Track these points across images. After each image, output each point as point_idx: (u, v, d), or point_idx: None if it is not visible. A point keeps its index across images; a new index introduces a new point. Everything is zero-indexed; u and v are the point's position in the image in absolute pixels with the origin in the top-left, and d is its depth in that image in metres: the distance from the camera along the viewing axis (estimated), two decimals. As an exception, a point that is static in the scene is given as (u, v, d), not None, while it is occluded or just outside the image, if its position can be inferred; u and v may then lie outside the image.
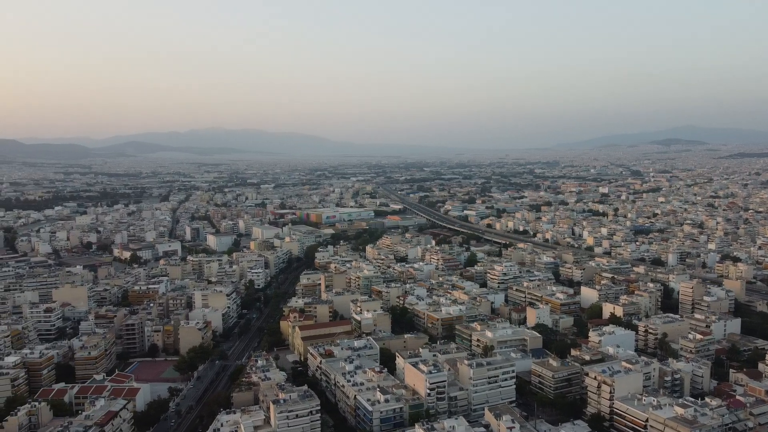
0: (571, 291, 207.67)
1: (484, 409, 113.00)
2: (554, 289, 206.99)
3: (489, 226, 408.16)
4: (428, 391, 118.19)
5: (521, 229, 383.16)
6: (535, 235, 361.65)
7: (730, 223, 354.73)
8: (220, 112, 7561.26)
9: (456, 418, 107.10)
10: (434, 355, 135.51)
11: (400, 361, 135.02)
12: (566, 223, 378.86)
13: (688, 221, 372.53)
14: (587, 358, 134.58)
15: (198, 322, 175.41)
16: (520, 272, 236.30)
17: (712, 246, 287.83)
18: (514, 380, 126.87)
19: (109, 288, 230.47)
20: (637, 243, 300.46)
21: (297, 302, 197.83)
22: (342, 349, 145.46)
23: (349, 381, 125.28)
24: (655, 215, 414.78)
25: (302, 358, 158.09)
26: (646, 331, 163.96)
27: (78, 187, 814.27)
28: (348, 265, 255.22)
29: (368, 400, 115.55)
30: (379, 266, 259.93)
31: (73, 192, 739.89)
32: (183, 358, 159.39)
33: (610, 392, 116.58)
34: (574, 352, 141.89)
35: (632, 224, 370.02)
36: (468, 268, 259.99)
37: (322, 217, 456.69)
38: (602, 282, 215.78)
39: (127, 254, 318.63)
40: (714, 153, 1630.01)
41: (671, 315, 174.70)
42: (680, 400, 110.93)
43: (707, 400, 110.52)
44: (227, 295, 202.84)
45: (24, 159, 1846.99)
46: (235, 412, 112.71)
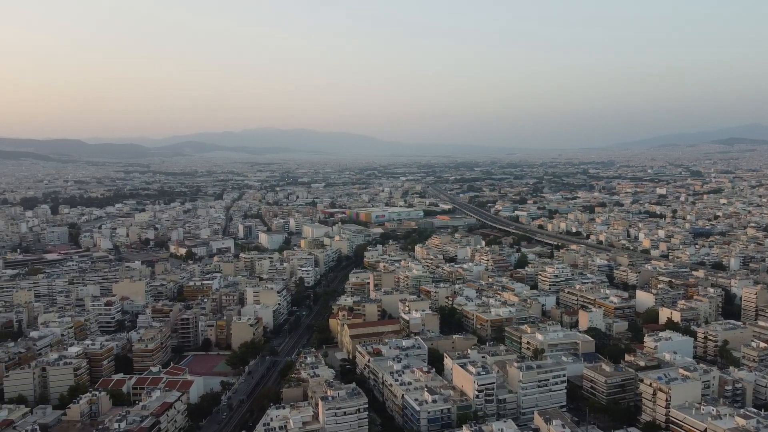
0: (625, 295, 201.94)
1: (533, 413, 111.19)
2: (608, 292, 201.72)
3: (540, 227, 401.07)
4: (476, 392, 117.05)
5: (574, 230, 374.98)
6: (588, 237, 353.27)
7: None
8: (273, 113, 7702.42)
9: (505, 421, 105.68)
10: (483, 357, 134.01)
11: (448, 361, 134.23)
12: (621, 225, 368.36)
13: (752, 224, 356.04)
14: (642, 364, 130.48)
15: (249, 318, 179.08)
16: (572, 274, 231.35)
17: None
18: (565, 384, 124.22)
19: (166, 283, 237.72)
20: (697, 246, 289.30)
21: (346, 300, 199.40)
22: (390, 348, 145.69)
23: (396, 380, 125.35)
24: (716, 217, 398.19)
25: (350, 356, 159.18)
26: (705, 337, 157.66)
27: (137, 186, 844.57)
28: (397, 264, 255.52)
29: (416, 399, 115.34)
30: (428, 266, 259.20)
31: (132, 190, 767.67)
32: (235, 352, 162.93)
33: (666, 400, 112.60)
34: (628, 358, 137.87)
35: (692, 226, 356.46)
36: (518, 269, 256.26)
37: (371, 216, 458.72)
38: (659, 286, 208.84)
39: (182, 251, 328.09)
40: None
41: (733, 322, 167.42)
42: (742, 411, 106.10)
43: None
44: (278, 292, 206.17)
45: (88, 158, 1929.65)
46: (284, 408, 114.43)
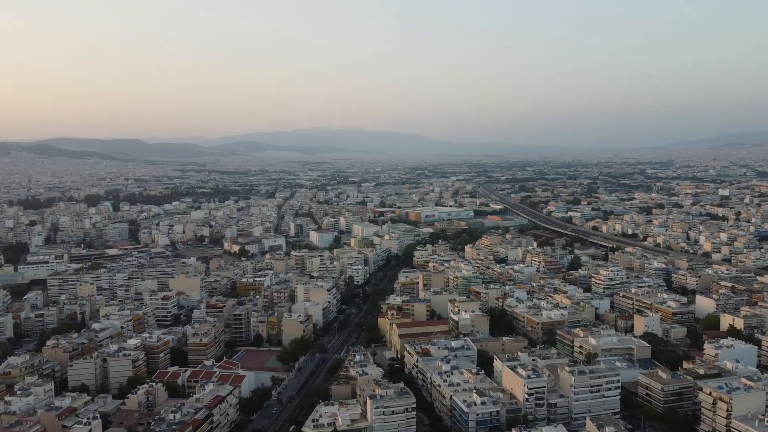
0: (684, 299, 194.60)
1: (585, 419, 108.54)
2: (665, 296, 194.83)
3: (595, 228, 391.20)
4: (527, 396, 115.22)
5: (630, 232, 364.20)
6: (645, 239, 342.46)
7: None
8: (325, 113, 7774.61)
9: (555, 426, 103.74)
10: (533, 360, 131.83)
11: (497, 363, 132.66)
12: (680, 227, 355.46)
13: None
14: (701, 371, 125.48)
15: (300, 315, 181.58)
16: (627, 278, 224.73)
17: None
18: (619, 390, 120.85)
19: (220, 279, 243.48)
20: (762, 250, 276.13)
21: (395, 300, 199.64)
22: (439, 348, 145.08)
23: (445, 381, 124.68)
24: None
25: (399, 356, 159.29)
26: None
27: (193, 184, 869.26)
28: (446, 264, 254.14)
29: (464, 401, 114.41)
30: (478, 266, 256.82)
31: (188, 188, 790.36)
32: (285, 349, 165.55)
33: (728, 410, 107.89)
34: (686, 365, 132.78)
35: (757, 230, 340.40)
36: (571, 271, 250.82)
37: (421, 215, 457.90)
38: (720, 291, 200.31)
39: (236, 248, 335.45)
40: None
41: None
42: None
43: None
44: (328, 290, 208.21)
45: (147, 157, 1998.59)
46: (333, 405, 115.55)
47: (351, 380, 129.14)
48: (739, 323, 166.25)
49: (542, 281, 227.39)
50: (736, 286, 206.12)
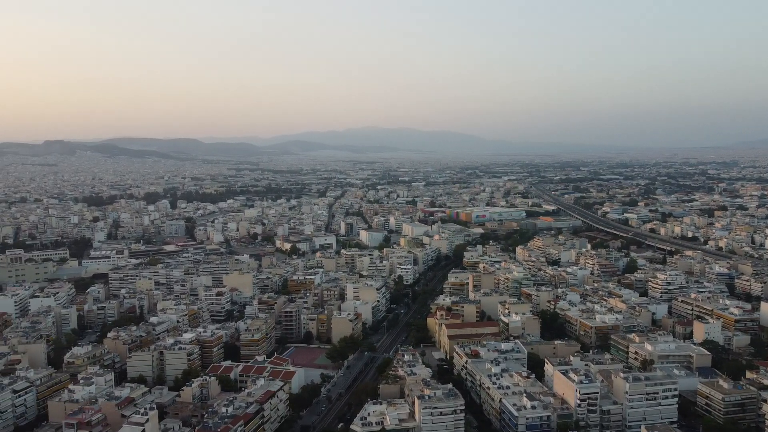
0: (748, 306, 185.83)
1: (640, 427, 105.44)
2: (728, 302, 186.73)
3: (652, 230, 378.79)
4: (578, 401, 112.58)
5: (690, 235, 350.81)
6: (706, 243, 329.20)
7: None
8: (377, 112, 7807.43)
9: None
10: (586, 365, 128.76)
11: (548, 367, 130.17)
12: (745, 230, 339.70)
13: None
14: (766, 382, 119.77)
15: (349, 314, 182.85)
16: (687, 282, 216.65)
17: None
18: (677, 399, 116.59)
19: (271, 276, 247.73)
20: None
21: (444, 300, 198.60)
22: (488, 350, 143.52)
23: (494, 383, 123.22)
24: None
25: (448, 357, 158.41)
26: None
27: (247, 183, 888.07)
28: (497, 265, 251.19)
29: (514, 404, 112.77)
30: (529, 268, 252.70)
31: (242, 187, 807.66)
32: (334, 346, 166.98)
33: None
34: (749, 375, 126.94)
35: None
36: (627, 274, 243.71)
37: (471, 215, 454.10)
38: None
39: (287, 246, 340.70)
40: None
41: None
42: None
43: None
44: (377, 289, 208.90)
45: (203, 156, 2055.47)
46: (381, 403, 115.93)
47: (399, 380, 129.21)
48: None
49: (596, 284, 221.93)
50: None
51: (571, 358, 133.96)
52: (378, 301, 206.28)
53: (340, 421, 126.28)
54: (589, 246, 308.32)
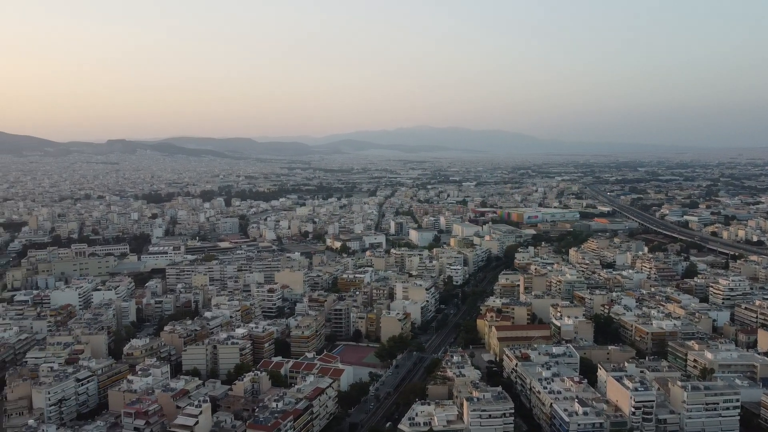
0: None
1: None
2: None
3: (714, 234, 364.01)
4: (633, 409, 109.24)
5: (755, 239, 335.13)
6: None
7: None
8: (427, 112, 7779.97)
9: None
10: (642, 372, 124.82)
11: (602, 373, 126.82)
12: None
13: None
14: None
15: (398, 313, 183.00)
16: (751, 288, 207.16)
17: None
18: (739, 410, 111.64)
19: (321, 274, 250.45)
20: None
21: (494, 302, 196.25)
22: (539, 353, 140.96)
23: (545, 388, 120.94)
24: None
25: (497, 359, 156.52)
26: None
27: (299, 181, 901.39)
28: (549, 267, 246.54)
29: (565, 410, 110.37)
30: (582, 271, 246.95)
31: (294, 185, 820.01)
32: (383, 345, 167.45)
33: None
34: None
35: None
36: (686, 279, 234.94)
37: (523, 216, 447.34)
38: None
39: (337, 244, 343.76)
40: None
41: None
42: None
43: None
44: (426, 289, 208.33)
45: (257, 155, 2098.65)
46: (429, 404, 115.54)
47: (448, 381, 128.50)
48: None
49: (653, 289, 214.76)
50: None
51: (626, 364, 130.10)
52: (427, 301, 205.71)
53: (388, 420, 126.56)
54: (646, 249, 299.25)
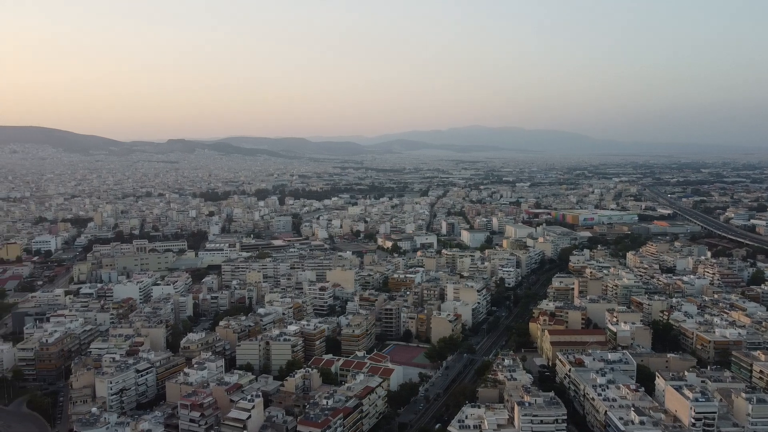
0: None
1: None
2: None
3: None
4: (693, 420, 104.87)
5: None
6: None
7: None
8: (480, 111, 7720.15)
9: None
10: (703, 382, 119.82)
11: (660, 382, 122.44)
12: None
13: None
14: None
15: (449, 314, 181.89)
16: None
17: None
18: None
19: (372, 273, 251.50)
20: None
21: (548, 305, 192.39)
22: (594, 359, 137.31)
23: (600, 395, 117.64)
24: None
25: (550, 363, 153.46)
26: None
27: (351, 181, 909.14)
28: (605, 271, 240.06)
29: (621, 418, 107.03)
30: (641, 275, 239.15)
31: (347, 185, 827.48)
32: (433, 346, 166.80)
33: None
34: None
35: None
36: (752, 286, 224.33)
37: (578, 218, 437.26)
38: None
39: (388, 243, 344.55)
40: None
41: None
42: None
43: None
44: (478, 291, 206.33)
45: (310, 155, 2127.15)
46: (479, 407, 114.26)
47: (499, 384, 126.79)
48: None
49: (716, 296, 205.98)
50: None
51: (686, 373, 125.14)
52: (478, 302, 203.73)
53: (438, 421, 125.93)
54: (708, 254, 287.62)
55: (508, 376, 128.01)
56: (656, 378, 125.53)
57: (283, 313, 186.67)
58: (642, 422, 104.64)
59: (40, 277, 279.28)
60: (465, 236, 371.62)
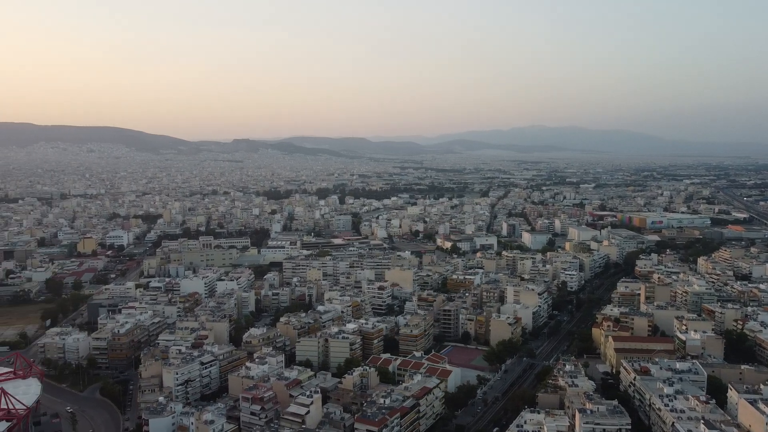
0: None
1: None
2: None
3: None
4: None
5: None
6: None
7: None
8: (542, 111, 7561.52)
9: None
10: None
11: (733, 394, 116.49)
12: None
13: None
14: None
15: (509, 317, 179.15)
16: None
17: None
18: None
19: (431, 274, 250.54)
20: None
21: (612, 310, 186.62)
22: (661, 368, 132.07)
23: (667, 405, 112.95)
24: None
25: (614, 371, 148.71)
26: None
27: (410, 180, 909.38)
28: (674, 276, 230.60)
29: (689, 431, 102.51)
30: (713, 282, 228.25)
31: (406, 185, 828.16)
32: (492, 349, 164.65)
33: None
34: None
35: None
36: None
37: (646, 221, 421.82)
38: None
39: (448, 244, 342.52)
40: None
41: None
42: None
43: None
44: (539, 294, 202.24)
45: (370, 155, 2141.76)
46: (539, 412, 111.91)
47: (559, 390, 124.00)
48: None
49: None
50: None
51: (762, 386, 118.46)
52: (539, 306, 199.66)
53: (495, 425, 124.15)
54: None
55: (570, 382, 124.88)
56: (729, 390, 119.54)
57: (342, 311, 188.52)
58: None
59: (113, 270, 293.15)
60: (526, 238, 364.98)
